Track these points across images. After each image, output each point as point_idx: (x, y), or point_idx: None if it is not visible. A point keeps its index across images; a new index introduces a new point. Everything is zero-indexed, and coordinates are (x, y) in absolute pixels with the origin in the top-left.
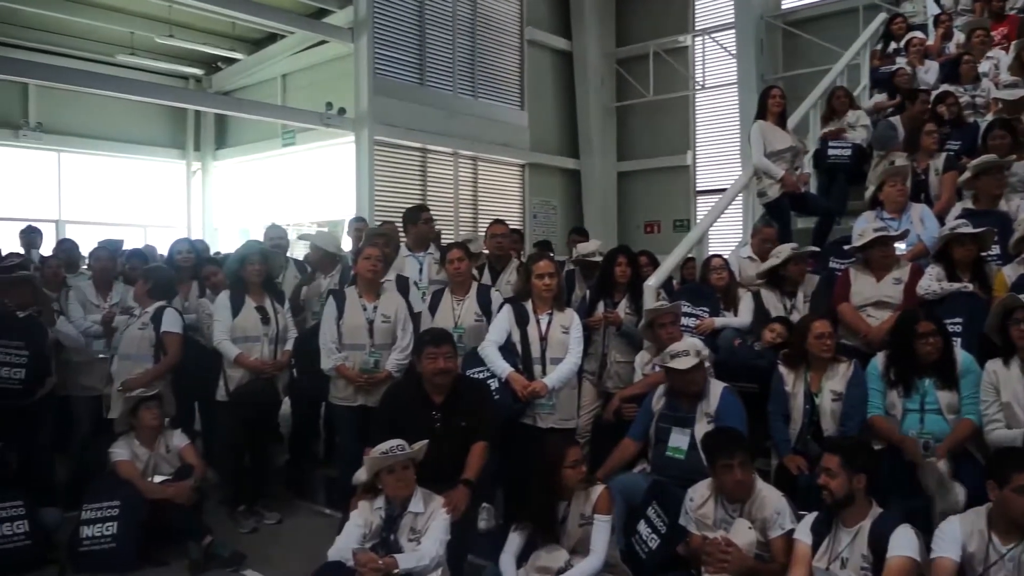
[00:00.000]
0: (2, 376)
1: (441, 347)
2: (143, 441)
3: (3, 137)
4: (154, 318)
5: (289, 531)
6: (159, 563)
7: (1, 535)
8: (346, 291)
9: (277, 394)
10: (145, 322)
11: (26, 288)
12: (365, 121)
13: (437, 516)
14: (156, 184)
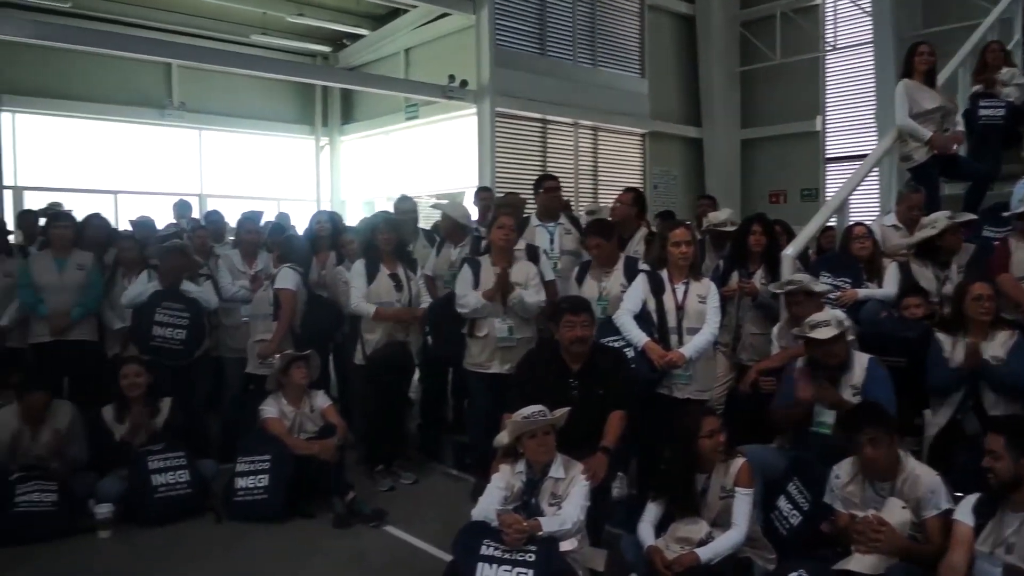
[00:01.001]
0: (165, 336)
1: (579, 315)
2: (290, 400)
3: (150, 116)
4: (273, 278)
5: (424, 491)
6: (306, 515)
7: (166, 483)
8: (480, 259)
9: (411, 358)
10: (268, 283)
11: (180, 256)
12: (486, 93)
13: (577, 482)
14: (287, 159)
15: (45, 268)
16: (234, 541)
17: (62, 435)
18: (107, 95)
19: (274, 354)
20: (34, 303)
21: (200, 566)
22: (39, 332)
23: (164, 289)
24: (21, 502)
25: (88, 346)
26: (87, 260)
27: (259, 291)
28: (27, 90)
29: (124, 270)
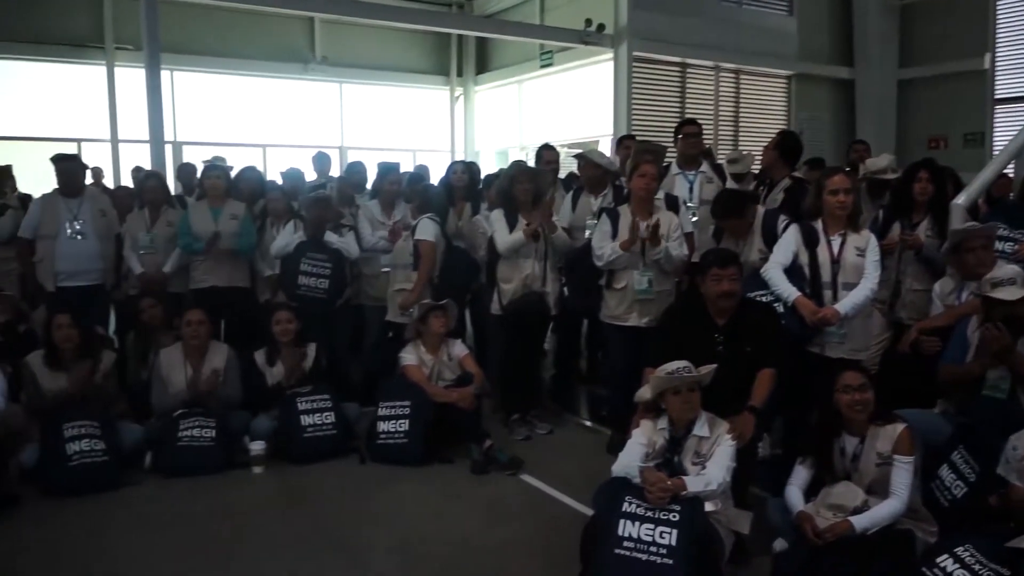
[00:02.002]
0: (310, 285)
1: (727, 268)
2: (428, 348)
3: (294, 71)
4: (413, 229)
5: (559, 442)
6: (444, 460)
7: (314, 424)
8: (619, 209)
9: (548, 308)
10: (408, 234)
11: (324, 207)
12: (624, 36)
13: (723, 442)
14: (423, 110)
15: (202, 217)
16: (377, 482)
17: (219, 374)
18: (255, 51)
19: (414, 304)
20: (191, 242)
21: (346, 504)
22: (198, 278)
23: (309, 240)
24: (184, 437)
25: (241, 292)
26: (240, 210)
27: (399, 242)
28: (184, 48)
29: (273, 220)
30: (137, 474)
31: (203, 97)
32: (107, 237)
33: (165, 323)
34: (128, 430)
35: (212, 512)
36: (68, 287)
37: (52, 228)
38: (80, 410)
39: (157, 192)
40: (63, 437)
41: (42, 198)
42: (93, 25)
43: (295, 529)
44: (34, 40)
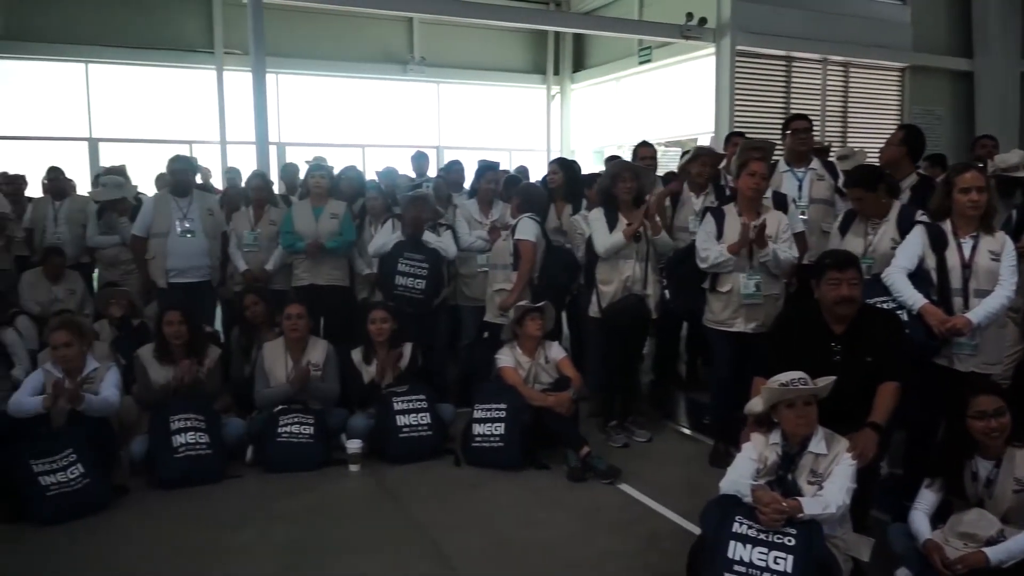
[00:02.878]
0: (407, 286)
1: (845, 271)
2: (525, 350)
3: (393, 72)
4: (513, 228)
5: (658, 450)
6: (540, 466)
7: (409, 424)
8: (725, 209)
9: (648, 311)
10: (508, 234)
11: (422, 205)
12: (727, 30)
13: (842, 461)
14: (519, 109)
15: (304, 216)
16: (472, 485)
17: (317, 367)
18: (356, 54)
19: (513, 305)
20: (293, 241)
21: (441, 505)
22: (300, 276)
23: (406, 240)
24: (283, 433)
25: (340, 290)
26: (340, 209)
27: (498, 241)
28: (288, 52)
29: (371, 219)
30: (239, 467)
31: (305, 99)
32: (214, 235)
33: (268, 319)
34: (231, 424)
35: (310, 509)
36: (178, 283)
37: (164, 226)
38: (187, 403)
39: (261, 192)
40: (170, 429)
41: (154, 197)
42: (204, 31)
43: (390, 529)
44: (148, 46)
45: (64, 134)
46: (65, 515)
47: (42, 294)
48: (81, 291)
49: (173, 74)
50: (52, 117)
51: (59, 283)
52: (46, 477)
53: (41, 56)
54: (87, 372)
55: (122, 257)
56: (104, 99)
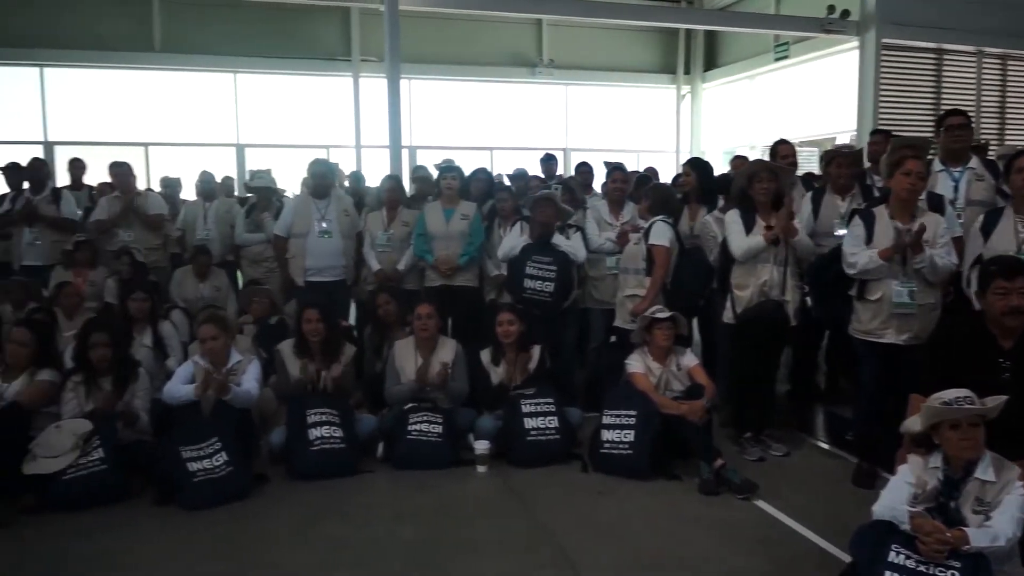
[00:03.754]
0: (536, 288)
1: (1015, 280)
2: (656, 356)
3: (522, 75)
4: (647, 231)
5: (795, 466)
6: (670, 476)
7: (537, 427)
8: (875, 211)
9: (787, 318)
10: (640, 237)
11: (549, 206)
12: (872, 23)
13: (1013, 489)
14: (648, 110)
15: (435, 218)
16: (600, 492)
17: (447, 367)
18: (486, 57)
19: (646, 311)
20: (423, 252)
21: (568, 511)
22: (431, 277)
23: (534, 243)
24: (413, 431)
25: (469, 291)
26: (471, 211)
27: (630, 245)
28: (420, 57)
29: (501, 220)
30: (371, 463)
31: (435, 103)
32: (350, 236)
33: (399, 318)
34: (364, 420)
35: (438, 508)
36: (315, 282)
37: (303, 227)
38: (322, 398)
39: (394, 193)
40: (306, 423)
41: (295, 199)
42: (342, 39)
43: (517, 533)
44: (291, 56)
45: (214, 140)
46: (209, 501)
47: (190, 290)
48: (226, 288)
49: (313, 82)
50: (203, 124)
51: (206, 280)
52: (193, 463)
53: (194, 67)
54: (231, 364)
55: (265, 255)
56: (250, 106)
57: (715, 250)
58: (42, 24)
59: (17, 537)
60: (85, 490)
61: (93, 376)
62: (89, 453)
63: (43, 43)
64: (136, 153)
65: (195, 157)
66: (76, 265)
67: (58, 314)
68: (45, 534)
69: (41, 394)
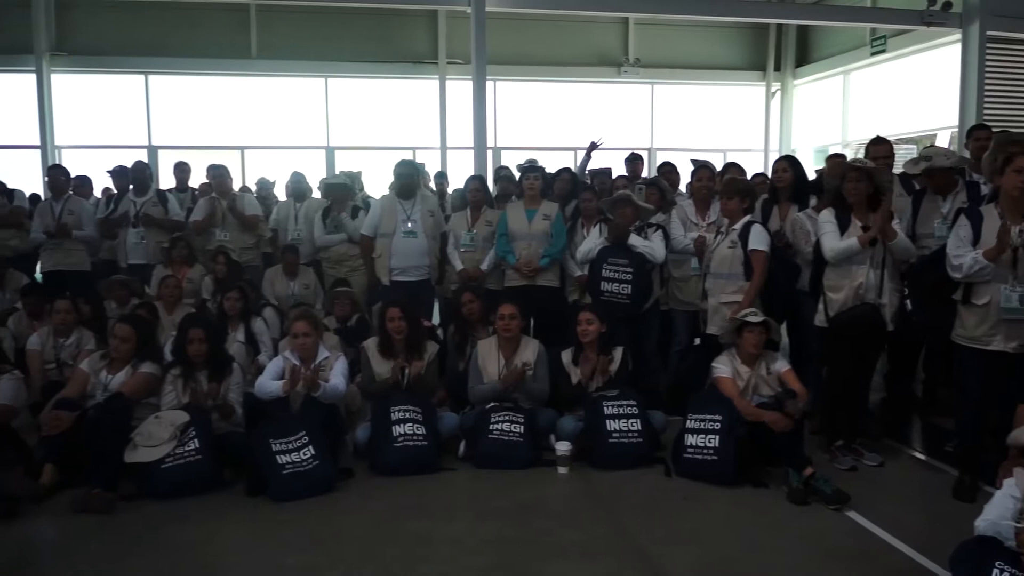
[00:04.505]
0: (613, 291)
1: None
2: (745, 360)
3: (607, 75)
4: (742, 235)
5: (890, 477)
6: (758, 484)
7: (619, 429)
8: (983, 210)
9: (883, 323)
10: (734, 240)
11: (626, 206)
12: (975, 14)
13: None
14: (736, 108)
15: (517, 217)
16: (683, 497)
17: (529, 367)
18: (570, 57)
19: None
20: (505, 252)
21: (651, 516)
22: (512, 277)
23: (611, 245)
24: (495, 430)
25: (550, 291)
26: (552, 211)
27: (724, 249)
28: (504, 58)
29: (584, 220)
30: (452, 461)
31: (519, 104)
32: (434, 236)
33: (482, 317)
34: (446, 418)
35: (519, 508)
36: (400, 281)
37: (389, 227)
38: (406, 396)
39: (478, 194)
40: (391, 419)
41: (382, 199)
42: (429, 42)
43: (599, 536)
44: (380, 60)
45: (305, 143)
46: (297, 493)
47: (281, 288)
48: (314, 286)
49: (400, 84)
50: (295, 128)
51: (295, 278)
52: (282, 456)
53: (288, 73)
54: (319, 360)
55: (350, 253)
56: (339, 110)
57: (806, 248)
58: (148, 35)
59: (119, 523)
60: (181, 479)
61: (190, 369)
62: (185, 443)
63: (149, 52)
64: (232, 156)
65: (287, 160)
66: (174, 263)
67: (159, 309)
68: (144, 520)
69: (142, 386)
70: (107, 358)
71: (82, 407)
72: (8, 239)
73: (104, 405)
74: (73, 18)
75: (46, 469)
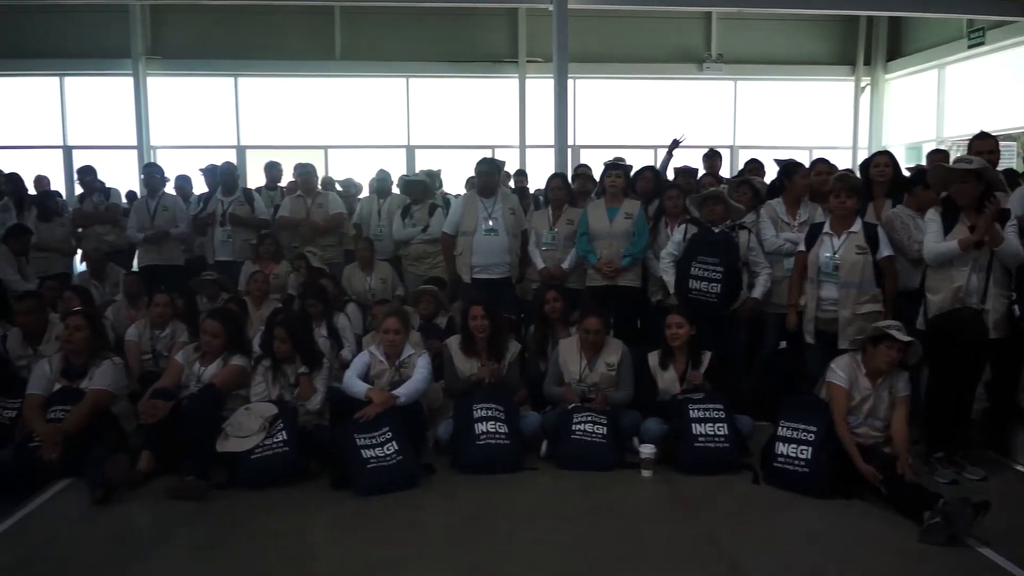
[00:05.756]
0: (700, 289)
1: None
2: (870, 373)
3: (689, 71)
4: (868, 239)
5: (994, 492)
6: (851, 496)
7: (705, 434)
8: None
9: (985, 329)
10: (861, 245)
11: (718, 205)
12: None
13: None
14: (822, 104)
15: (598, 216)
16: (773, 506)
17: (612, 369)
18: (651, 54)
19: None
20: (586, 251)
21: (740, 524)
22: (593, 276)
23: (699, 242)
24: (577, 430)
25: (633, 292)
26: (635, 209)
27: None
28: (583, 56)
29: (667, 219)
30: (535, 460)
31: (599, 101)
32: (515, 234)
33: (564, 316)
34: (528, 417)
35: (602, 510)
36: (481, 279)
37: (470, 225)
38: (488, 394)
39: (560, 192)
40: (473, 417)
41: (463, 197)
42: (509, 41)
43: (686, 543)
44: (460, 59)
45: (386, 142)
46: (381, 487)
47: (358, 284)
48: (391, 281)
49: (479, 83)
50: (376, 127)
51: (371, 273)
52: (367, 451)
53: (370, 73)
54: (403, 358)
55: (429, 251)
56: (420, 109)
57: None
58: (237, 38)
59: (210, 511)
60: (269, 469)
61: (278, 363)
62: (274, 435)
63: (238, 55)
64: (316, 155)
65: (369, 159)
66: (261, 259)
67: (248, 304)
68: (234, 509)
69: (233, 378)
70: (200, 350)
71: (177, 397)
72: (105, 234)
73: (197, 396)
74: (167, 23)
75: (143, 456)
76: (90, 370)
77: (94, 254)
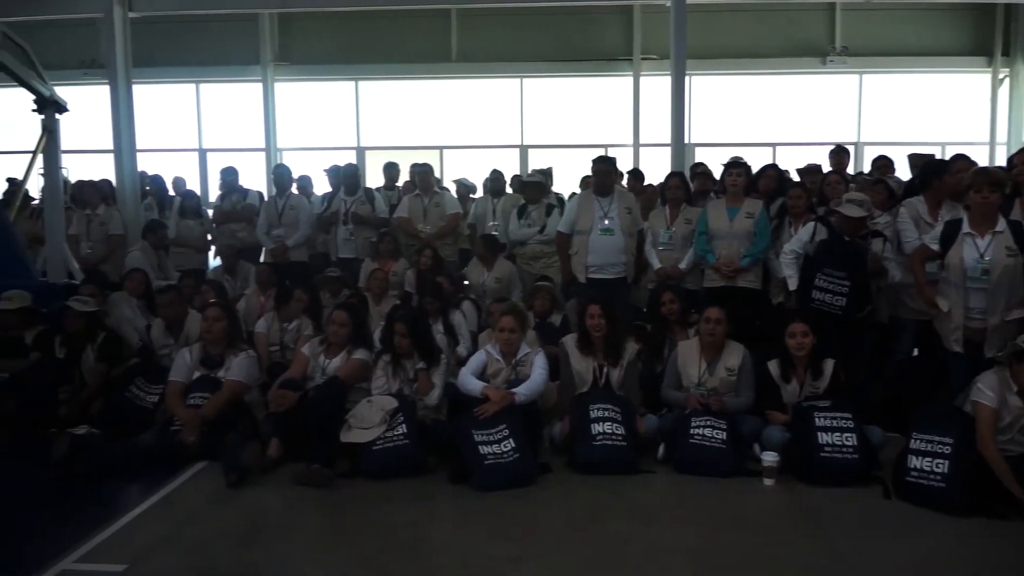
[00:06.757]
0: (824, 300)
1: None
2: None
3: (811, 65)
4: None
5: None
6: (994, 515)
7: (832, 443)
8: None
9: None
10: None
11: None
12: None
13: None
14: (955, 98)
15: (718, 216)
16: (905, 523)
17: (732, 374)
18: (771, 49)
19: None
20: (705, 251)
21: (869, 541)
22: (711, 277)
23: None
24: (695, 434)
25: (751, 294)
26: (756, 208)
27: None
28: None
29: (791, 219)
30: (652, 463)
31: (716, 98)
32: (631, 233)
33: (681, 318)
34: (646, 419)
35: (722, 518)
36: (596, 279)
37: (586, 224)
38: (605, 394)
39: (678, 191)
40: (589, 417)
41: (578, 197)
42: (623, 39)
43: (808, 556)
44: (575, 58)
45: (500, 142)
46: (498, 483)
47: (475, 277)
48: (507, 279)
49: (593, 82)
50: (491, 127)
51: (491, 270)
52: (484, 447)
53: (485, 74)
54: (520, 356)
55: (545, 250)
56: (534, 109)
57: None
58: (358, 43)
59: (334, 499)
60: (390, 461)
61: (398, 358)
62: (394, 428)
63: (359, 59)
64: (432, 155)
65: (483, 159)
66: (381, 256)
67: (368, 299)
68: (355, 498)
69: (356, 371)
70: (325, 343)
71: (304, 388)
72: (238, 231)
73: (323, 387)
74: (293, 31)
75: (272, 443)
76: (227, 360)
77: (227, 250)
